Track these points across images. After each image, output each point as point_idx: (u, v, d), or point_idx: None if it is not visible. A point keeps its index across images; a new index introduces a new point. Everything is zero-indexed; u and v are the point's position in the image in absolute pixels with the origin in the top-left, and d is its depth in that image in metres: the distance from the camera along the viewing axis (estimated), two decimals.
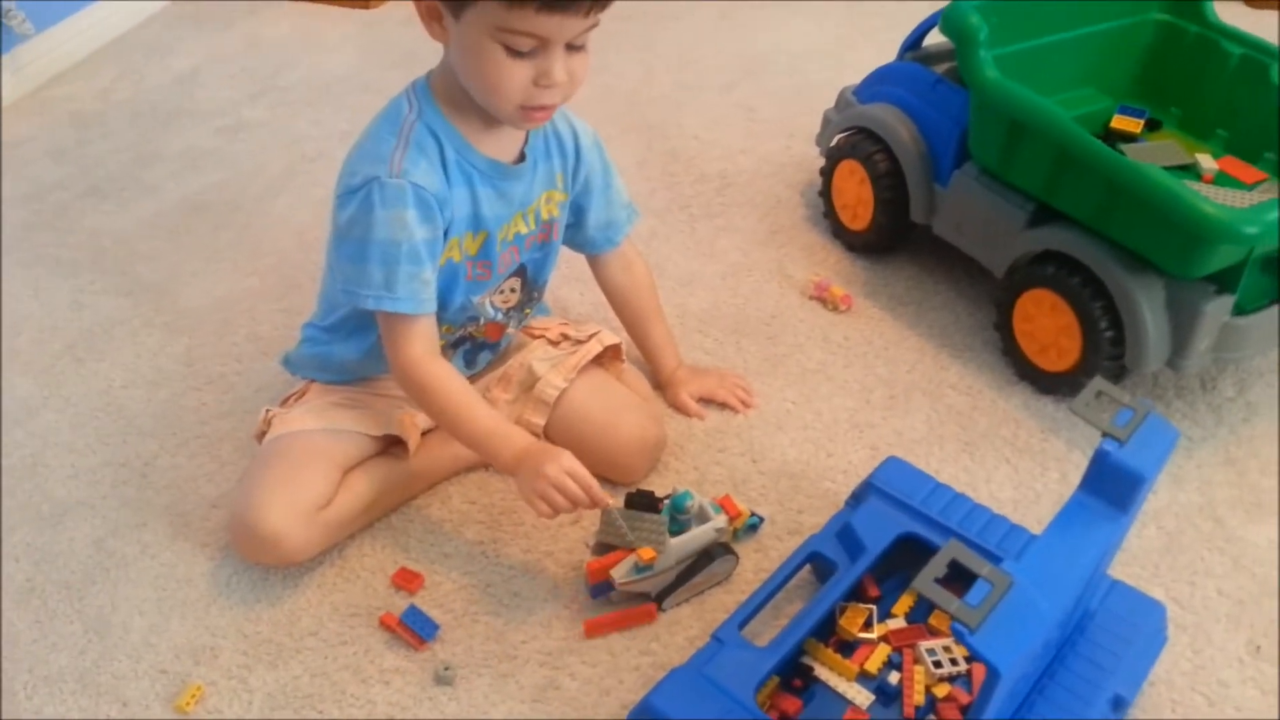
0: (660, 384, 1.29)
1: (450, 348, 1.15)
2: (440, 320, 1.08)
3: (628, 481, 1.16)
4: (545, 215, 1.13)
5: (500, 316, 1.17)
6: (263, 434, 1.15)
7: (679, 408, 1.27)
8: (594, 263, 1.25)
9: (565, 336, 1.23)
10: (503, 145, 1.06)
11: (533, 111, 0.99)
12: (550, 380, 1.18)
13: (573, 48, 0.96)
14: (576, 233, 1.20)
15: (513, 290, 1.16)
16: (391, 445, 1.15)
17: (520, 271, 1.15)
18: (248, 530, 1.05)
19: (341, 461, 1.10)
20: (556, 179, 1.13)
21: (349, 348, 1.14)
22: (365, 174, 0.99)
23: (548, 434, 1.18)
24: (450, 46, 0.99)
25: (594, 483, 1.01)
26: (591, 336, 1.22)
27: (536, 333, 1.24)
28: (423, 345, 1.03)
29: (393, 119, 1.02)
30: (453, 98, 1.02)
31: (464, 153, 1.03)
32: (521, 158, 1.08)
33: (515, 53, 0.94)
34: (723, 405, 1.28)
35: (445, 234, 1.04)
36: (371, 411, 1.13)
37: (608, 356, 1.24)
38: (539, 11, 0.90)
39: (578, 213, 1.18)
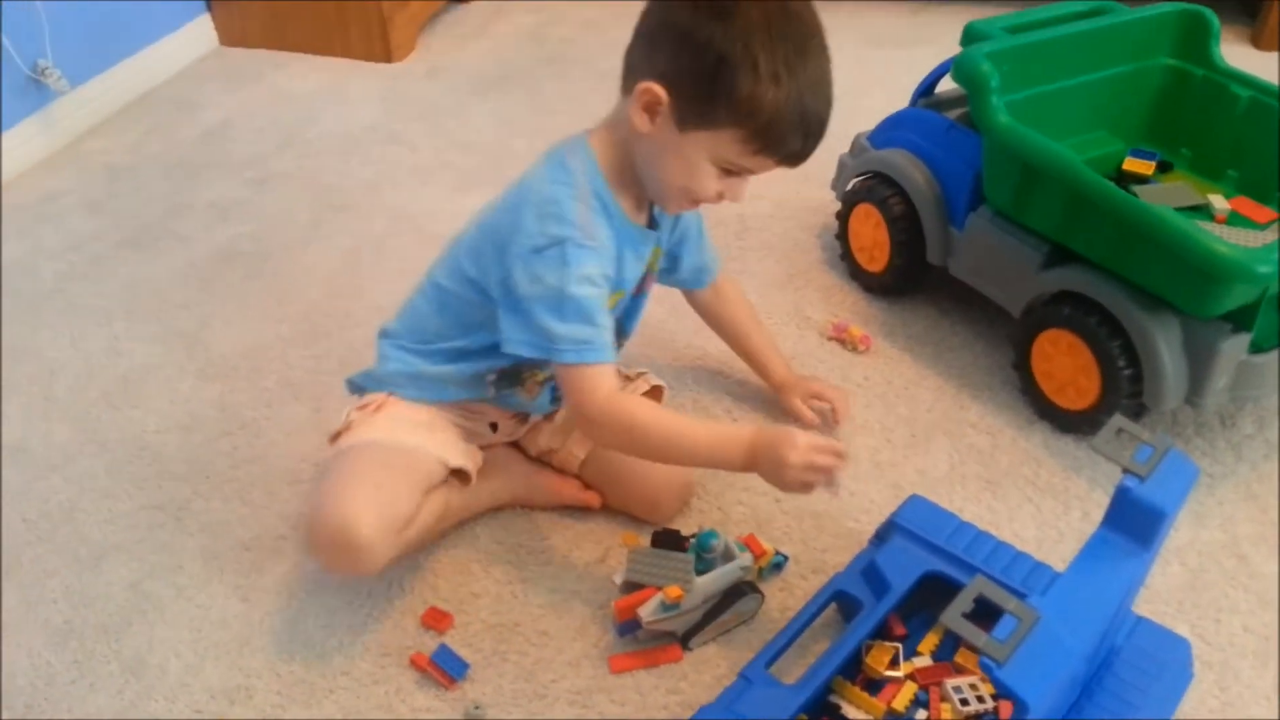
0: (775, 388, 1.34)
1: (540, 385, 1.17)
2: (545, 367, 1.12)
3: (656, 521, 1.18)
4: (654, 268, 1.17)
5: None
6: (338, 435, 1.14)
7: (791, 412, 1.31)
8: (686, 294, 1.33)
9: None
10: (642, 214, 1.10)
11: (696, 205, 1.06)
12: None
13: None
14: (671, 275, 1.25)
15: None
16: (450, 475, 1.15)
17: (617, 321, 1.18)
18: (337, 537, 1.02)
19: (425, 484, 1.10)
20: (664, 234, 1.17)
21: (450, 370, 1.14)
22: (554, 234, 1.00)
23: (585, 467, 1.20)
24: (647, 137, 1.00)
25: (833, 442, 1.02)
26: (639, 376, 1.26)
27: None
28: (615, 385, 1.04)
29: (565, 183, 1.02)
30: (617, 172, 1.05)
31: (622, 222, 1.06)
32: (650, 221, 1.12)
33: (726, 173, 1.00)
34: (829, 406, 1.31)
35: None
36: (451, 439, 1.14)
37: (650, 397, 1.26)
38: (777, 163, 0.98)
39: (673, 260, 1.23)
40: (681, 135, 0.98)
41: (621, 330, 1.20)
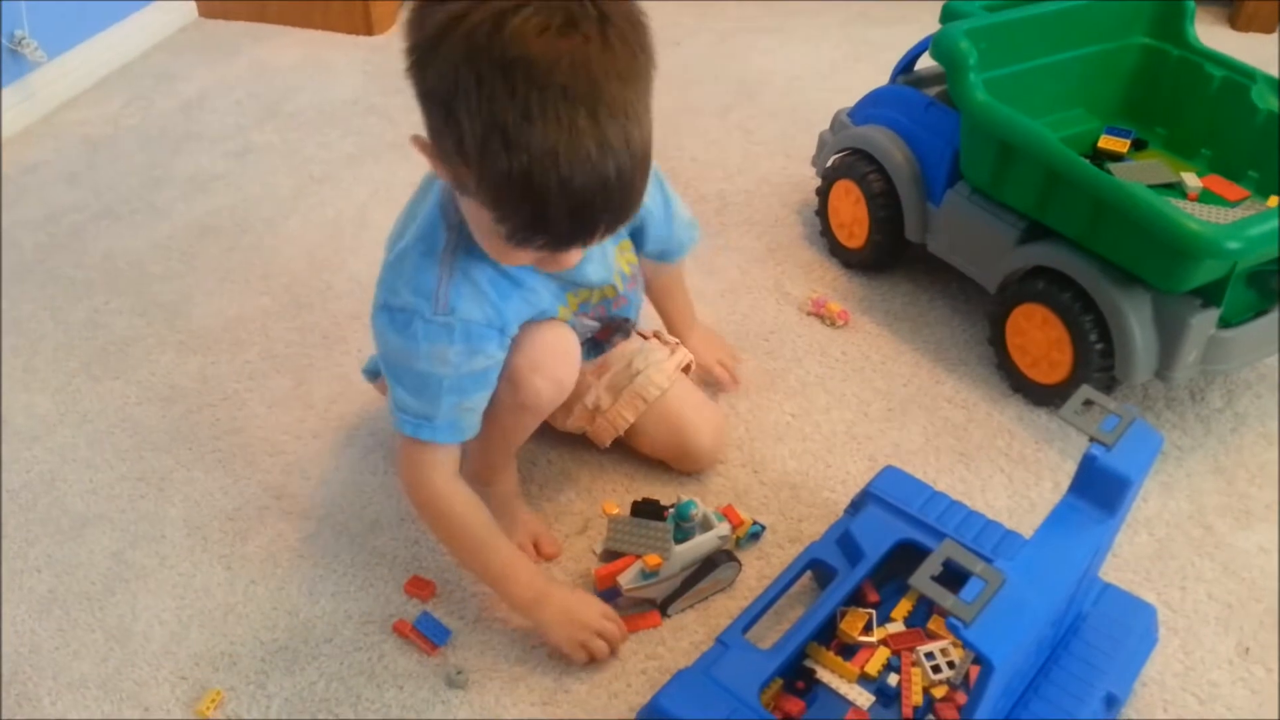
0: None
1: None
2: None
3: (689, 471, 1.23)
4: (629, 270, 1.12)
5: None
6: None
7: (703, 367, 1.31)
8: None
9: (657, 334, 1.27)
10: None
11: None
12: (653, 379, 1.18)
13: None
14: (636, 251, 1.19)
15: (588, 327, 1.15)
16: None
17: (609, 322, 1.16)
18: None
19: None
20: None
21: None
22: (406, 302, 0.93)
23: (637, 422, 1.20)
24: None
25: (623, 627, 1.04)
26: (678, 346, 1.25)
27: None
28: (449, 471, 1.01)
29: (430, 243, 0.94)
30: None
31: (518, 269, 0.97)
32: None
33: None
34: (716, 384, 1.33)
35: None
36: None
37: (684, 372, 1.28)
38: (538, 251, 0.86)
39: (633, 237, 1.15)
40: (461, 197, 0.88)
41: (613, 323, 1.17)
